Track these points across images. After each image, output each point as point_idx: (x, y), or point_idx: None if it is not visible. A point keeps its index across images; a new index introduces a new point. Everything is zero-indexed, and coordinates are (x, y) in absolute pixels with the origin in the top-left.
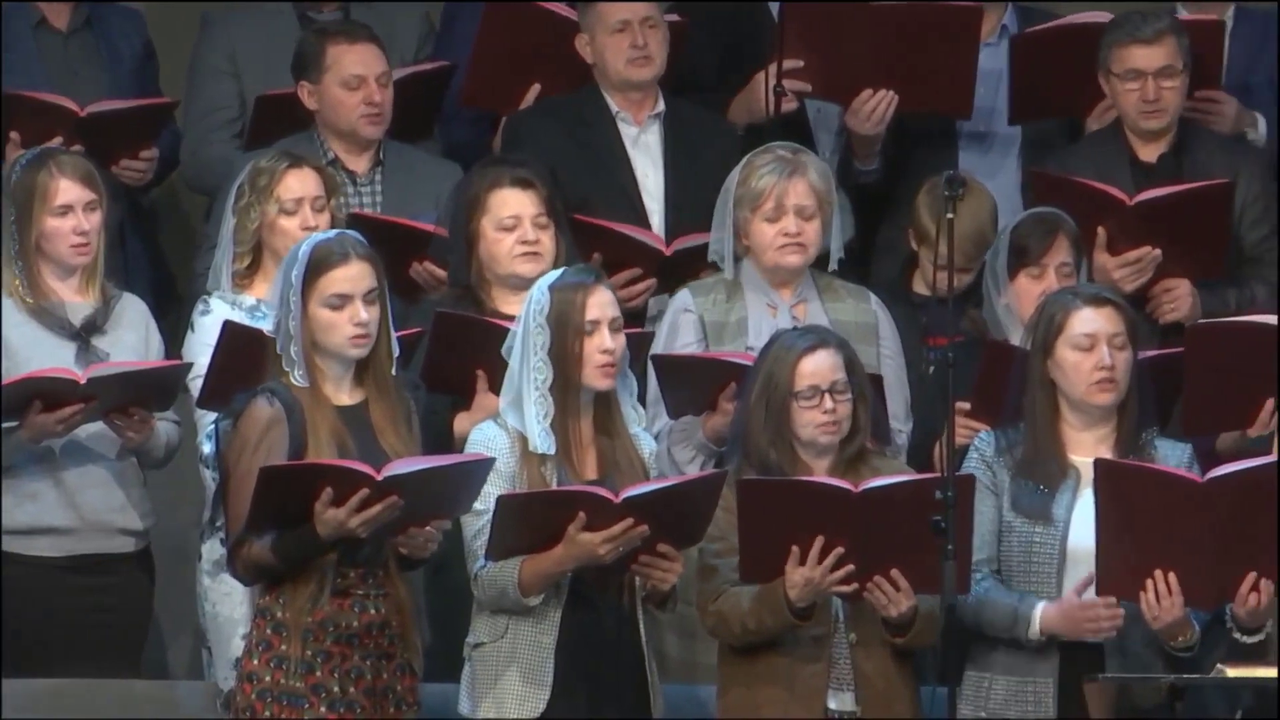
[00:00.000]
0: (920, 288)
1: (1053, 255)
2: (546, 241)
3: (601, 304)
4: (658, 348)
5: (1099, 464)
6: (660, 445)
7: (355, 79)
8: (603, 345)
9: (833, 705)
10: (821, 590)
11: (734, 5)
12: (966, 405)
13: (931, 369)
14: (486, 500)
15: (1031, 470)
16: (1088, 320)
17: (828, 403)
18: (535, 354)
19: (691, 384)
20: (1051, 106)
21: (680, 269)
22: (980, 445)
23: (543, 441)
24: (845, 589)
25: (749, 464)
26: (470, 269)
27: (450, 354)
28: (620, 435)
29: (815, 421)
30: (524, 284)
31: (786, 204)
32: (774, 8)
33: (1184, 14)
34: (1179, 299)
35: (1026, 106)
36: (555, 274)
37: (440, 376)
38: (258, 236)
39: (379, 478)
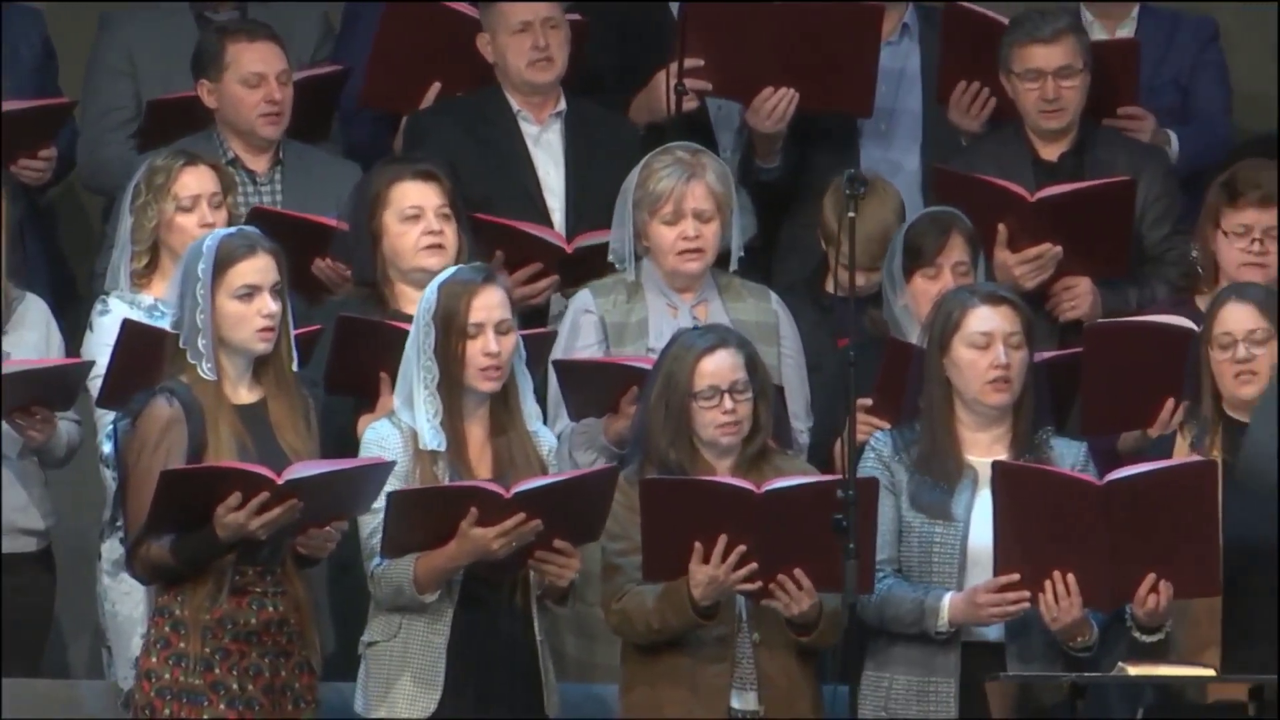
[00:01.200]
0: (832, 288)
1: (948, 255)
2: (450, 234)
3: (488, 306)
4: (559, 349)
5: (997, 466)
6: (562, 447)
7: (255, 77)
8: (486, 348)
9: (736, 705)
10: (725, 589)
11: (635, 4)
12: (868, 401)
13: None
14: (381, 498)
15: (929, 468)
16: (984, 318)
17: (727, 403)
18: (424, 353)
19: (593, 387)
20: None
21: (582, 266)
22: (877, 445)
23: (432, 438)
24: (749, 587)
25: (650, 464)
26: (375, 266)
27: (352, 357)
28: (517, 433)
29: (716, 422)
30: (429, 279)
31: (685, 208)
32: (675, 7)
33: (1096, 26)
34: (1079, 296)
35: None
36: (449, 271)
37: (342, 379)
38: (155, 235)
39: (280, 481)
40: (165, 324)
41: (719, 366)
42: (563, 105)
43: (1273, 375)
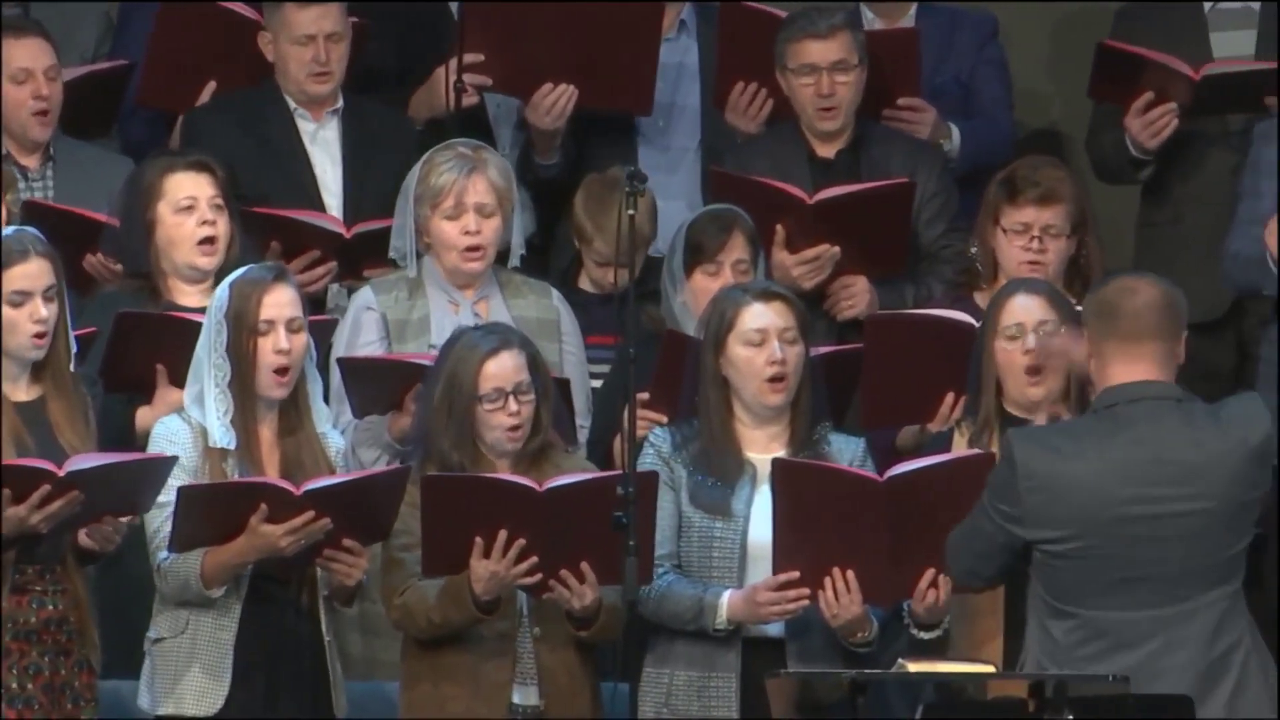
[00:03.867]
0: (585, 286)
1: (729, 252)
2: (223, 225)
3: (279, 303)
4: (340, 346)
5: (776, 463)
6: (345, 444)
7: (22, 72)
8: (277, 345)
9: (517, 700)
10: (506, 584)
11: (415, 2)
12: (645, 395)
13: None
14: (169, 492)
15: (708, 465)
16: (758, 315)
17: (512, 405)
18: (215, 351)
19: (376, 384)
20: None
21: (360, 253)
22: (656, 441)
23: (223, 436)
24: (529, 581)
25: (432, 464)
26: (148, 258)
27: (131, 352)
28: (306, 434)
29: (501, 425)
30: (202, 275)
31: (466, 202)
32: (455, 6)
33: (877, 25)
34: (856, 295)
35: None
36: (241, 270)
37: (120, 375)
38: None
39: (61, 473)
40: None
41: (503, 369)
42: (340, 103)
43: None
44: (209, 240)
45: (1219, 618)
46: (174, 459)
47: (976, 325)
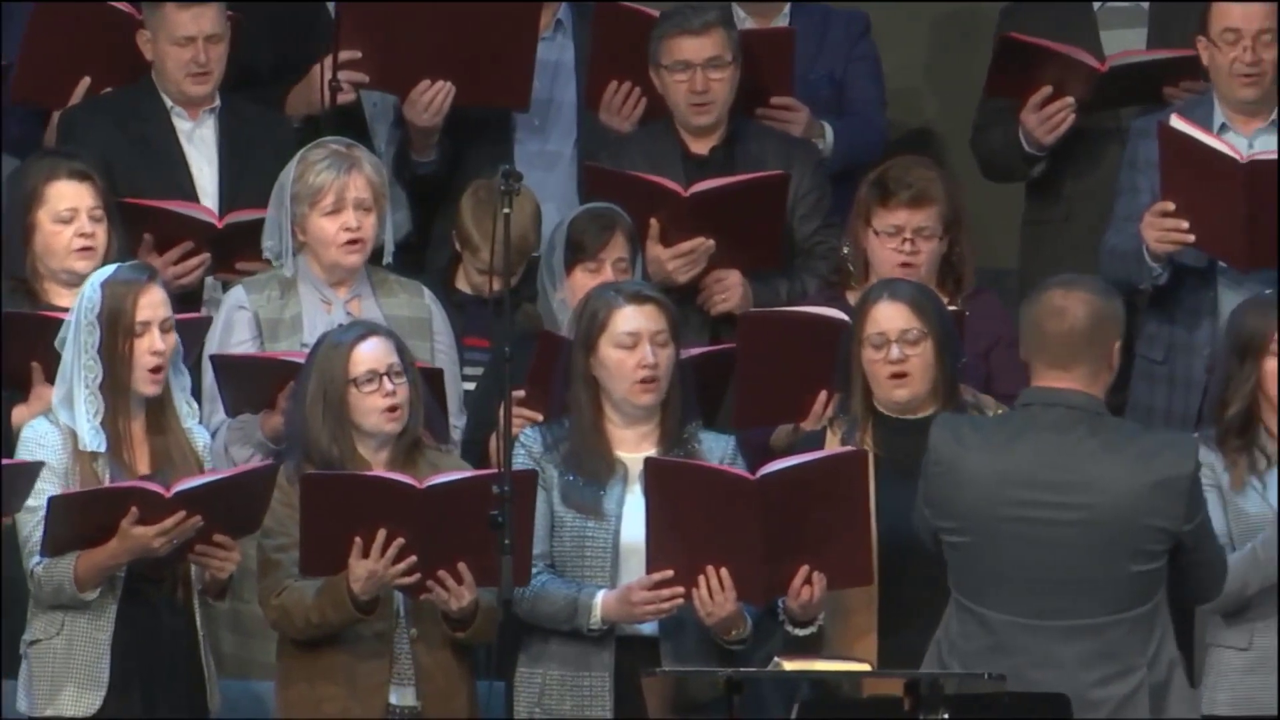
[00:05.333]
0: (463, 286)
1: (609, 251)
2: (101, 235)
3: (153, 304)
4: (212, 345)
5: (648, 462)
6: (218, 442)
7: None
8: (152, 346)
9: (394, 700)
10: (384, 583)
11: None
12: (521, 394)
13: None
14: (40, 496)
15: (579, 466)
16: (630, 318)
17: (387, 385)
18: (86, 352)
19: (249, 383)
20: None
21: (233, 244)
22: (527, 441)
23: (93, 439)
24: (407, 581)
25: (309, 461)
26: (25, 261)
27: (13, 352)
28: (174, 431)
29: (378, 407)
30: (77, 279)
31: (347, 198)
32: (331, 5)
33: (749, 24)
34: (730, 289)
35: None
36: (108, 270)
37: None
38: None
39: None
40: None
41: (374, 351)
42: (217, 102)
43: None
44: (87, 249)
45: (1107, 644)
46: (40, 464)
47: (848, 322)
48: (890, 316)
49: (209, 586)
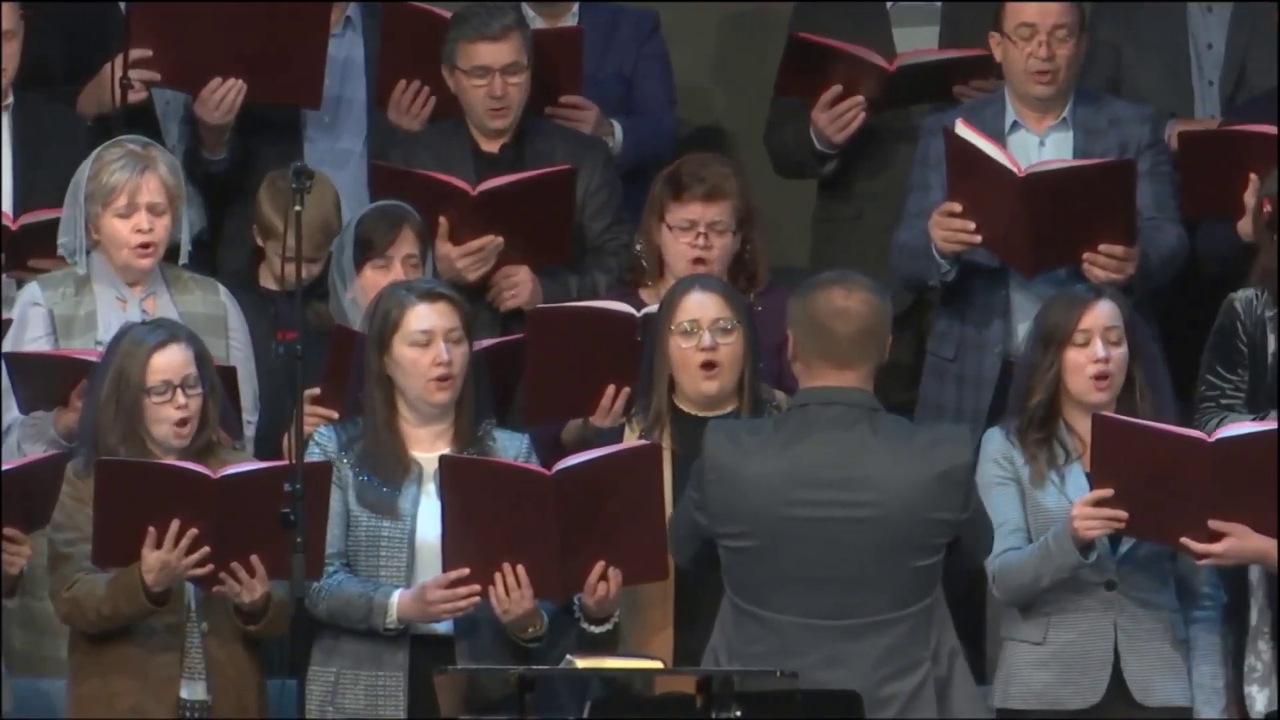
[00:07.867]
0: (268, 281)
1: (398, 248)
2: None
3: None
4: (6, 342)
5: (443, 460)
6: (10, 439)
7: None
8: None
9: (185, 695)
10: (177, 574)
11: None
12: (316, 391)
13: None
14: None
15: (374, 465)
16: (423, 316)
17: (180, 398)
18: None
19: (43, 380)
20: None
21: (27, 244)
22: (321, 440)
23: None
24: (200, 572)
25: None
26: None
27: None
28: None
29: (169, 418)
30: None
31: (139, 201)
32: (123, 5)
33: (539, 23)
34: (519, 285)
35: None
36: None
37: None
38: None
39: None
40: None
41: (170, 362)
42: (10, 99)
43: None
44: None
45: (894, 640)
46: None
47: (638, 315)
48: (703, 304)
49: None
